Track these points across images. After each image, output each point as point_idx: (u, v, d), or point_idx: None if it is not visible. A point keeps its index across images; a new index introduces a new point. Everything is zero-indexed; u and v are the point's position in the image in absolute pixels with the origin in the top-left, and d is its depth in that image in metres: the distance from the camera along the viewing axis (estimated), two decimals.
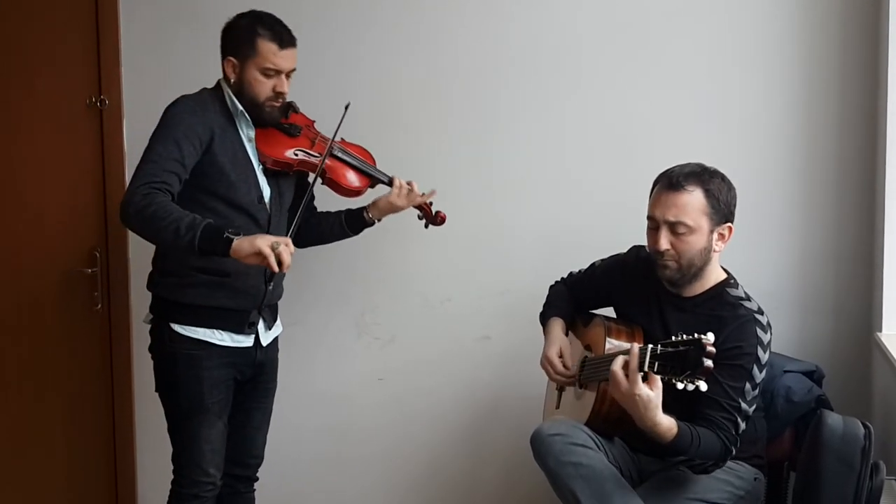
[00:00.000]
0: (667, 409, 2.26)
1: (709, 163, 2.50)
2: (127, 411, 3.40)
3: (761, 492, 2.56)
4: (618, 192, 3.05)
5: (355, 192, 2.80)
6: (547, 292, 2.87)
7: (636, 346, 2.23)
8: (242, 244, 2.37)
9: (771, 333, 2.47)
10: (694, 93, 3.04)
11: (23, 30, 3.28)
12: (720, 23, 3.01)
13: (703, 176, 2.44)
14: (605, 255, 2.78)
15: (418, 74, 3.18)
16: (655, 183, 2.50)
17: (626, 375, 2.22)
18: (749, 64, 3.00)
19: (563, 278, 2.88)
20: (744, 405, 2.39)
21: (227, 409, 2.70)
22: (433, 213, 2.90)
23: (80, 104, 3.29)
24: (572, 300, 2.80)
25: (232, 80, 2.61)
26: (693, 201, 2.42)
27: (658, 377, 2.20)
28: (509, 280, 3.19)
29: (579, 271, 2.83)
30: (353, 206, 2.88)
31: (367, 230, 2.89)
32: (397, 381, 3.30)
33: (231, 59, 2.60)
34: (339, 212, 2.88)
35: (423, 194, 2.85)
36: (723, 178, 2.47)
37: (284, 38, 2.60)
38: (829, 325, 3.02)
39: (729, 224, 2.48)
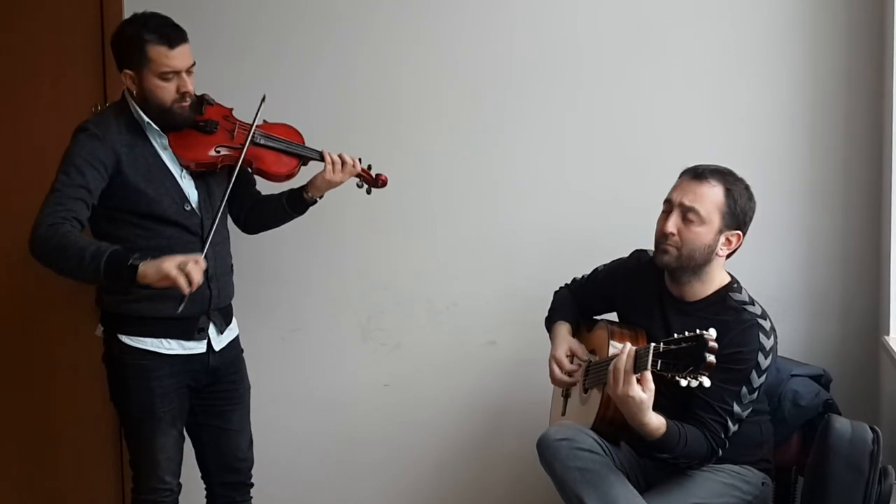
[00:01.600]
0: (661, 407, 2.27)
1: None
2: None
3: (769, 496, 2.56)
4: (623, 195, 3.05)
5: (286, 177, 2.73)
6: (552, 297, 2.87)
7: (629, 347, 2.26)
8: (148, 270, 2.34)
9: (775, 338, 2.46)
10: (699, 95, 3.03)
11: (29, 37, 3.29)
12: (724, 23, 3.00)
13: (729, 177, 2.47)
14: (611, 259, 2.77)
15: (421, 76, 3.17)
16: (682, 175, 2.52)
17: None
18: (754, 66, 2.99)
19: (566, 284, 2.87)
20: (737, 409, 2.39)
21: (182, 417, 2.69)
22: (374, 176, 2.79)
23: (85, 111, 3.28)
24: (576, 305, 2.80)
25: (134, 92, 2.57)
26: (711, 194, 2.44)
27: (650, 379, 2.22)
28: (515, 284, 3.18)
29: (582, 277, 2.83)
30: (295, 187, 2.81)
31: (370, 233, 2.88)
32: (403, 386, 3.30)
33: (127, 71, 2.55)
34: (282, 193, 2.82)
35: (359, 161, 2.76)
36: (747, 187, 2.50)
37: (172, 37, 2.51)
38: (837, 328, 3.01)
39: (739, 232, 2.48)
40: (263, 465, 2.91)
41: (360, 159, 2.75)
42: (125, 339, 2.60)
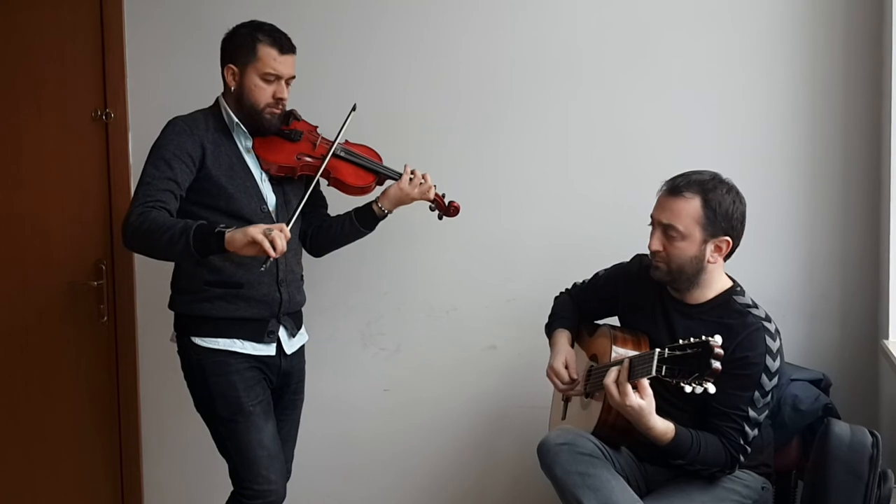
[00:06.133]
0: (676, 417, 2.27)
1: (713, 169, 2.50)
2: (133, 423, 3.41)
3: (769, 501, 2.56)
4: (624, 199, 3.05)
5: (362, 190, 2.79)
6: (552, 302, 2.87)
7: (626, 359, 2.28)
8: (235, 235, 2.37)
9: (780, 340, 2.46)
10: (698, 99, 3.04)
11: (29, 43, 3.31)
12: (723, 27, 3.01)
13: (707, 185, 2.43)
14: (611, 264, 2.78)
15: (422, 83, 3.18)
16: (661, 189, 2.51)
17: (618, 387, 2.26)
18: (753, 70, 3.00)
19: (567, 289, 2.88)
20: (752, 413, 2.39)
21: (272, 410, 2.69)
22: (446, 203, 2.86)
23: (86, 117, 3.31)
24: (577, 311, 2.80)
25: (232, 88, 2.63)
26: (688, 208, 2.42)
27: (647, 385, 2.24)
28: (515, 289, 3.18)
29: (583, 282, 2.83)
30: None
31: (371, 238, 2.88)
32: (403, 391, 3.30)
33: (231, 66, 2.63)
34: (350, 211, 2.86)
35: (434, 186, 2.82)
36: (729, 189, 2.45)
37: (284, 44, 2.63)
38: (836, 333, 3.02)
39: (727, 238, 2.46)
40: None
41: (435, 185, 2.82)
42: (198, 340, 2.62)
